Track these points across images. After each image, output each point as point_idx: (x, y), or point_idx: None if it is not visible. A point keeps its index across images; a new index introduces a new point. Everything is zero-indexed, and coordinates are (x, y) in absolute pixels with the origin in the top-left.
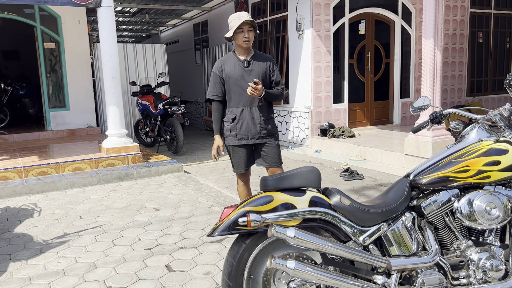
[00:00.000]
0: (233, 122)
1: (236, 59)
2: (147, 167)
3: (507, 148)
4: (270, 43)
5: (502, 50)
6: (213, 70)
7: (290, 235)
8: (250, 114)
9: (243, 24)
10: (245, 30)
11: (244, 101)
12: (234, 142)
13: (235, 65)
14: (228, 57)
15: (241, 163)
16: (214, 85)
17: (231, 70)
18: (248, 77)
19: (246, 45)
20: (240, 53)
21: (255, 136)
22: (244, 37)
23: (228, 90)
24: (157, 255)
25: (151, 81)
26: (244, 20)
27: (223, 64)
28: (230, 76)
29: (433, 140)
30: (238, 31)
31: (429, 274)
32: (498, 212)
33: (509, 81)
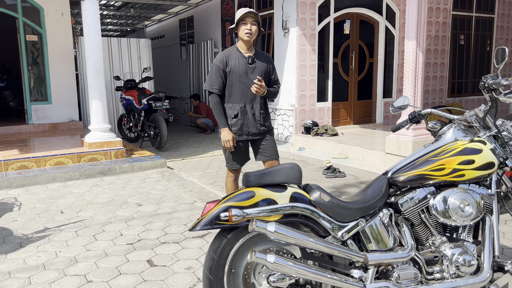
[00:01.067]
0: (235, 118)
1: (239, 55)
2: (130, 162)
3: (481, 148)
4: (256, 40)
5: (482, 53)
6: (215, 63)
7: (270, 229)
8: (251, 111)
9: (246, 16)
10: (248, 22)
11: (246, 97)
12: (235, 137)
13: (239, 60)
14: (231, 51)
15: (239, 159)
16: (216, 78)
17: (235, 65)
18: (251, 75)
19: (247, 38)
20: (242, 48)
21: (255, 132)
22: (246, 29)
23: (230, 85)
24: (139, 250)
25: (135, 76)
26: (247, 11)
27: (227, 58)
28: (234, 71)
29: (413, 140)
30: (241, 23)
31: (405, 269)
32: (471, 210)
33: (484, 83)
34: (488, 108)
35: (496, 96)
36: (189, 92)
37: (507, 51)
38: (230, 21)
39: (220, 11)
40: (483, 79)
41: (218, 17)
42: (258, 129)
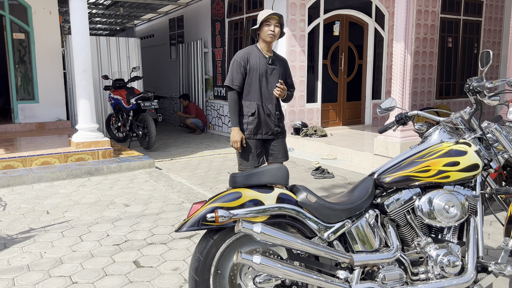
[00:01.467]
0: (253, 116)
1: (260, 54)
2: (117, 162)
3: (466, 150)
4: (246, 40)
5: (470, 55)
6: (236, 59)
7: (256, 230)
8: (267, 110)
9: (270, 18)
10: (272, 24)
11: (263, 97)
12: (250, 136)
13: (260, 59)
14: (252, 50)
15: (254, 158)
16: (236, 75)
17: (256, 63)
18: (271, 75)
19: (270, 39)
20: (263, 49)
21: (269, 132)
22: (270, 31)
23: (250, 83)
24: (126, 250)
25: (124, 76)
26: (272, 13)
27: (248, 55)
28: (254, 69)
29: (401, 141)
30: (265, 24)
31: (390, 270)
32: (456, 211)
33: (469, 86)
34: (473, 110)
35: (481, 98)
36: (178, 92)
37: (492, 54)
38: (220, 21)
39: (210, 11)
40: (468, 82)
41: (208, 17)
42: (273, 129)
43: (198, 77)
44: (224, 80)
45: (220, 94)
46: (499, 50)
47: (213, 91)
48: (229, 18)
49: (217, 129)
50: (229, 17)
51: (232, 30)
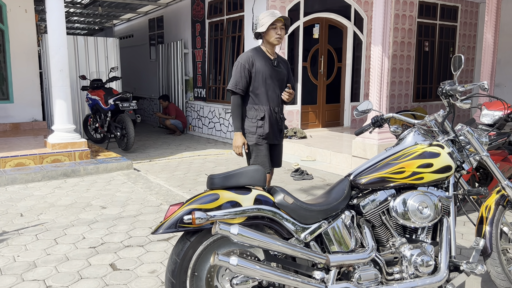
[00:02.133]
0: (262, 120)
1: (265, 56)
2: (95, 163)
3: (439, 152)
4: (226, 42)
5: (446, 59)
6: (240, 62)
7: (233, 232)
8: (274, 115)
9: (276, 21)
10: (278, 27)
11: (271, 100)
12: (259, 141)
13: (266, 61)
14: (257, 52)
15: (266, 162)
16: (240, 78)
17: (262, 66)
18: (275, 78)
19: (277, 42)
20: (268, 51)
21: (276, 136)
22: (277, 34)
23: (256, 87)
24: (102, 253)
25: (102, 76)
26: (278, 17)
27: (253, 58)
28: (260, 71)
29: (378, 143)
30: (270, 27)
31: (366, 270)
32: (430, 212)
33: (441, 89)
34: (446, 113)
35: (453, 102)
36: (158, 92)
37: (463, 59)
38: (200, 22)
39: (190, 12)
40: (441, 86)
41: (188, 18)
42: (278, 134)
43: (178, 78)
44: (204, 81)
45: (200, 95)
46: (474, 55)
47: (193, 92)
48: (209, 19)
49: (197, 131)
50: (209, 18)
51: (213, 31)
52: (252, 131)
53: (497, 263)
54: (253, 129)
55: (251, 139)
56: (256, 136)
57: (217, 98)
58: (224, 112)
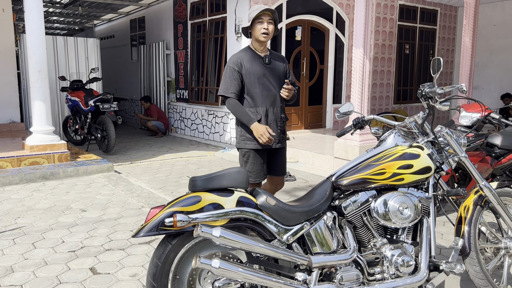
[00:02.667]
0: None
1: (254, 55)
2: (74, 166)
3: (419, 153)
4: (208, 43)
5: (425, 62)
6: (229, 65)
7: (216, 234)
8: (273, 116)
9: (263, 14)
10: (265, 21)
11: (267, 100)
12: (257, 146)
13: (255, 61)
14: (245, 52)
15: (261, 170)
16: (230, 82)
17: (252, 66)
18: (270, 76)
19: (264, 38)
20: (257, 49)
21: (276, 139)
22: (263, 29)
23: (249, 89)
24: (82, 257)
25: (82, 77)
26: (264, 9)
27: (241, 59)
28: (251, 72)
29: (360, 144)
30: (257, 21)
31: (347, 271)
32: (410, 212)
33: (421, 91)
34: (426, 115)
35: (433, 104)
36: (139, 94)
37: (442, 62)
38: (182, 23)
39: (172, 13)
40: (421, 88)
41: (170, 18)
42: (279, 135)
43: (160, 79)
44: (187, 83)
45: (182, 96)
46: (453, 57)
47: (175, 93)
48: (191, 20)
49: (179, 132)
50: (191, 19)
51: (195, 33)
52: (248, 137)
53: (476, 262)
54: (249, 135)
55: (248, 145)
56: (254, 142)
57: (199, 99)
58: (207, 114)
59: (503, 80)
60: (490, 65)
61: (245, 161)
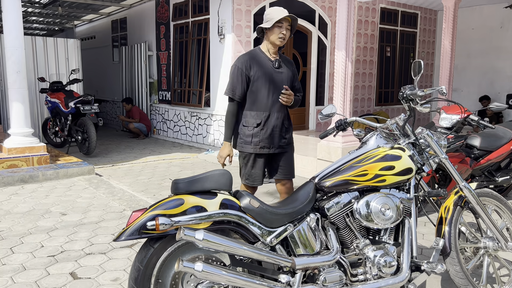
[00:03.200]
0: (258, 127)
1: (265, 58)
2: (54, 169)
3: (400, 155)
4: (191, 45)
5: (406, 64)
6: (237, 65)
7: (198, 237)
8: (275, 121)
9: (284, 20)
10: (284, 26)
11: (271, 105)
12: (256, 150)
13: (265, 64)
14: (255, 54)
15: (259, 175)
16: (237, 83)
17: (260, 68)
18: (278, 80)
19: (280, 43)
20: (268, 51)
21: (277, 145)
22: (281, 33)
23: (255, 91)
24: (62, 262)
25: (62, 78)
26: (286, 15)
27: (251, 61)
28: (259, 75)
29: (343, 146)
30: (276, 25)
31: (331, 272)
32: (392, 213)
33: (402, 94)
34: (407, 117)
35: (414, 106)
36: (121, 95)
37: (423, 64)
38: (165, 24)
39: (154, 14)
40: (402, 90)
41: (152, 19)
42: (280, 141)
43: (142, 81)
44: (169, 84)
45: (165, 98)
46: (433, 60)
47: (157, 95)
48: (174, 22)
49: (162, 134)
50: (174, 21)
51: (178, 34)
52: (247, 141)
53: (456, 262)
54: (249, 138)
55: (247, 149)
56: (252, 146)
57: (182, 101)
58: (189, 115)
59: (481, 83)
60: (469, 68)
61: (244, 164)
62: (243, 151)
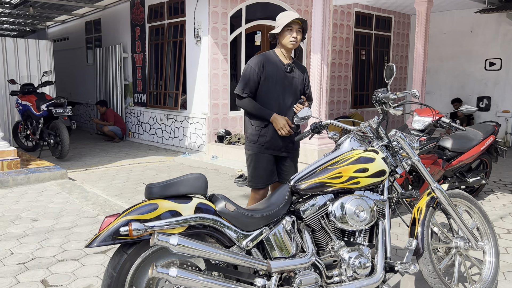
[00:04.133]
0: (265, 127)
1: (278, 61)
2: (25, 173)
3: (374, 157)
4: (167, 47)
5: (381, 67)
6: (251, 65)
7: (173, 242)
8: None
9: (293, 23)
10: (295, 29)
11: (279, 109)
12: (260, 149)
13: (278, 67)
14: (269, 56)
15: (263, 176)
16: (248, 82)
17: (273, 71)
18: (288, 84)
19: (292, 46)
20: (281, 55)
21: (282, 148)
22: (292, 37)
23: (265, 93)
24: (32, 269)
25: (34, 80)
26: (295, 18)
27: (264, 62)
28: (270, 77)
29: (319, 148)
30: (286, 29)
31: (306, 275)
32: (366, 215)
33: (375, 97)
34: (380, 120)
35: (386, 109)
36: (95, 98)
37: (395, 68)
38: (140, 26)
39: (130, 15)
40: (375, 93)
41: (127, 21)
42: (286, 145)
43: (117, 83)
44: (145, 86)
45: (140, 100)
46: (406, 64)
47: (133, 97)
48: (149, 23)
49: (137, 137)
50: (149, 22)
51: (153, 36)
52: (253, 140)
53: (429, 262)
54: (255, 137)
55: (252, 148)
56: (257, 145)
57: (158, 103)
58: (166, 118)
59: (453, 86)
60: (441, 71)
61: (248, 165)
62: (247, 151)
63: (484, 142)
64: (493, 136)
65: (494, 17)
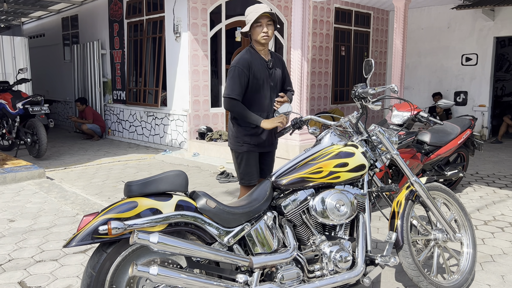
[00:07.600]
0: (257, 127)
1: (260, 58)
2: (1, 173)
3: (354, 151)
4: (146, 43)
5: (360, 63)
6: (238, 67)
7: (153, 241)
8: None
9: (261, 17)
10: (264, 24)
11: (267, 106)
12: (249, 148)
13: (262, 65)
14: (251, 54)
15: (254, 172)
16: (239, 84)
17: (259, 70)
18: (272, 80)
19: (264, 41)
20: (260, 51)
21: (269, 144)
22: (263, 32)
23: (254, 92)
24: (9, 271)
25: (9, 78)
26: (262, 13)
27: (250, 62)
28: (258, 77)
29: (300, 144)
30: (255, 25)
31: (288, 269)
32: (346, 209)
33: (354, 92)
34: (360, 114)
35: (366, 104)
36: (73, 95)
37: (373, 63)
38: (118, 22)
39: (107, 11)
40: (354, 89)
41: (105, 17)
42: (272, 141)
43: (95, 80)
44: (124, 83)
45: (119, 98)
46: (385, 59)
47: (112, 94)
48: (128, 19)
49: (117, 135)
50: (128, 18)
51: (132, 32)
52: (245, 140)
53: (408, 254)
54: (246, 137)
55: (242, 148)
56: (247, 145)
57: (138, 100)
58: (146, 115)
59: (431, 81)
60: (419, 66)
61: (238, 163)
62: (237, 150)
63: (461, 136)
64: (470, 130)
65: (470, 13)
